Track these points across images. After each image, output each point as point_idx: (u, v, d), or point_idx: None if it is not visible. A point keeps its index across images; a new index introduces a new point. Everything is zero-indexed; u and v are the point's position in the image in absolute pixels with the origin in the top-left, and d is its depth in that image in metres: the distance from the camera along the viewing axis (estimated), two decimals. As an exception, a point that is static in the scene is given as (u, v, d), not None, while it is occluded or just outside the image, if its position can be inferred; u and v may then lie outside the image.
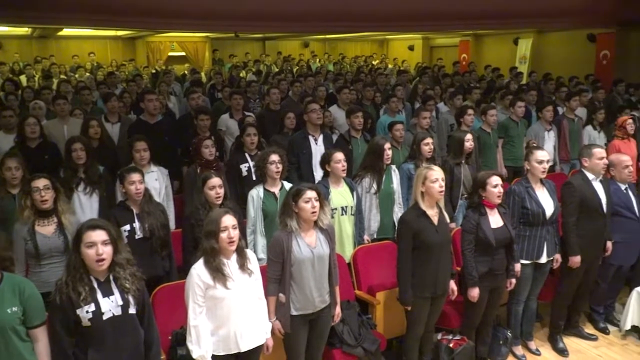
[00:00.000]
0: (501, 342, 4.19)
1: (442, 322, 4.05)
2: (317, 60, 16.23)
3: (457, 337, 3.94)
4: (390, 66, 15.84)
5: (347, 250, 4.29)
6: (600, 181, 4.19)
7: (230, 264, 2.94)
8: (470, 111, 6.03)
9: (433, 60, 16.87)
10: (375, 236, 4.61)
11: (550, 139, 6.59)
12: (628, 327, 4.48)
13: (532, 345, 4.38)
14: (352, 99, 7.47)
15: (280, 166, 4.02)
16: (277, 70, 13.52)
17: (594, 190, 4.12)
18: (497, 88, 9.22)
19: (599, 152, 4.15)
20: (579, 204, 4.08)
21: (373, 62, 16.73)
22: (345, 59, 16.85)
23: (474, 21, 11.75)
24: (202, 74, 13.09)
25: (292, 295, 3.21)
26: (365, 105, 7.70)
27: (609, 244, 4.30)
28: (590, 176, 4.17)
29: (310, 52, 17.68)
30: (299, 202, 3.14)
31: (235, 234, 2.89)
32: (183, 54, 16.42)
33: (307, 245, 3.19)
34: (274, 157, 4.01)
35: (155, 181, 4.58)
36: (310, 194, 3.13)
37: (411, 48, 18.60)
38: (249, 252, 3.09)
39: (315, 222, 3.23)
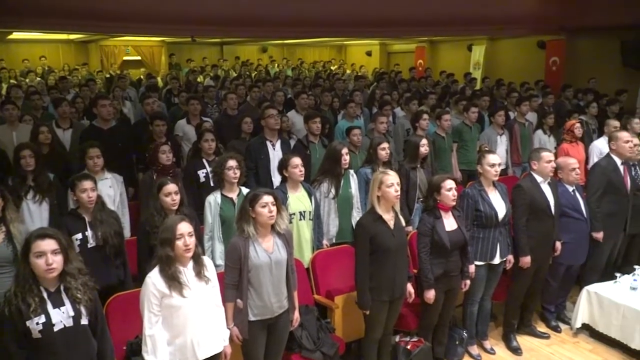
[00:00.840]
0: (457, 342, 4.28)
1: (400, 324, 4.10)
2: (276, 65, 16.24)
3: (415, 339, 4.00)
4: (348, 71, 15.99)
5: (306, 255, 4.29)
6: (549, 183, 4.34)
7: (187, 272, 2.90)
8: (425, 116, 6.15)
9: (390, 65, 17.14)
10: (334, 240, 4.64)
11: (502, 142, 6.78)
12: (579, 325, 4.65)
13: (487, 344, 4.49)
14: (310, 104, 7.51)
15: (237, 172, 4.00)
16: (235, 75, 13.44)
17: (542, 193, 4.27)
18: (452, 93, 9.42)
19: (547, 155, 4.30)
20: (529, 205, 4.22)
21: (331, 68, 16.86)
22: (304, 64, 16.90)
23: (429, 28, 12.03)
24: (159, 79, 12.89)
25: (250, 300, 3.19)
26: (324, 111, 7.75)
27: (558, 244, 4.44)
28: (539, 179, 4.31)
29: (268, 57, 17.66)
30: (256, 207, 3.13)
31: (191, 241, 2.86)
32: (138, 58, 16.11)
33: (265, 250, 3.18)
34: (232, 163, 3.99)
35: (109, 188, 4.49)
36: (267, 198, 3.13)
37: (369, 54, 18.84)
38: (206, 259, 3.06)
39: (273, 227, 3.23)
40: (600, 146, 5.93)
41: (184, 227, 2.84)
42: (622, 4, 10.73)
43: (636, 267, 4.69)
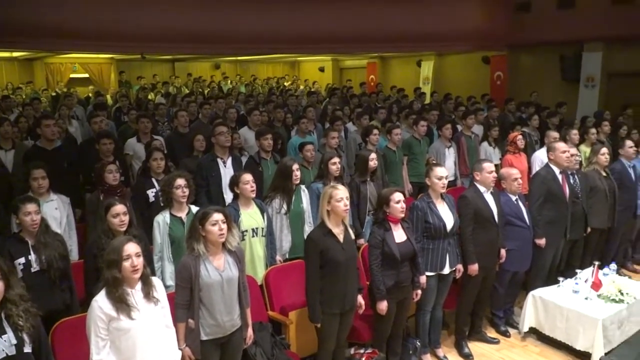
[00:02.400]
0: (411, 352, 4.36)
1: (354, 337, 4.14)
2: (229, 81, 16.20)
3: (369, 350, 4.05)
4: (301, 87, 16.12)
5: (259, 272, 4.29)
6: (492, 193, 4.50)
7: (135, 294, 2.85)
8: (375, 131, 6.28)
9: (343, 81, 17.40)
10: (287, 256, 4.65)
11: (450, 155, 6.99)
12: (526, 329, 4.81)
13: (440, 352, 4.57)
14: (263, 121, 7.53)
15: (186, 190, 3.98)
16: (187, 92, 13.34)
17: (486, 202, 4.42)
18: (402, 108, 9.64)
19: (488, 166, 4.47)
20: (474, 215, 4.36)
21: (285, 84, 16.96)
22: (257, 80, 16.94)
23: (380, 44, 12.35)
24: (108, 97, 12.65)
25: (201, 320, 3.17)
26: (277, 127, 7.79)
27: (503, 252, 4.59)
28: (482, 189, 4.46)
29: (221, 73, 17.61)
30: (206, 225, 3.12)
31: (138, 262, 2.82)
32: (86, 75, 15.76)
33: (216, 268, 3.17)
34: (180, 182, 3.96)
35: (55, 210, 4.36)
36: (217, 216, 3.12)
37: (322, 70, 19.07)
38: (155, 280, 3.02)
39: (224, 245, 3.22)
40: (541, 156, 6.18)
41: (131, 248, 2.80)
42: (560, 21, 11.33)
43: (578, 271, 4.91)
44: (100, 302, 2.77)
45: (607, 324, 4.32)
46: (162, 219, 3.98)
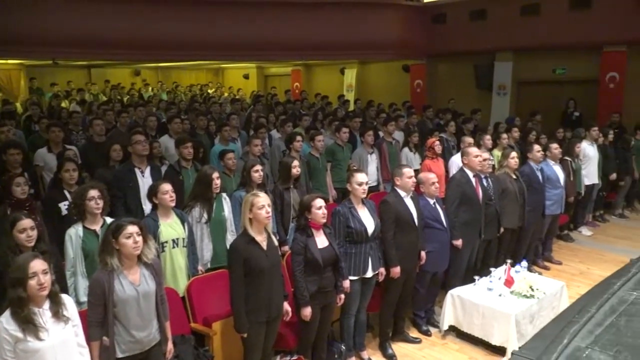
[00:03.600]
0: (336, 356, 4.40)
1: (279, 344, 4.12)
2: (150, 88, 15.76)
3: (295, 357, 4.05)
4: (225, 94, 15.96)
5: (181, 283, 4.19)
6: (411, 197, 4.64)
7: (43, 313, 2.71)
8: (298, 138, 6.32)
9: (267, 88, 17.40)
10: (209, 266, 4.58)
11: (372, 161, 7.15)
12: (446, 327, 4.99)
13: (365, 355, 4.64)
14: (185, 129, 7.39)
15: (100, 202, 3.81)
16: (105, 99, 12.83)
17: (406, 206, 4.55)
18: (326, 115, 9.77)
19: (408, 171, 4.61)
20: (395, 219, 4.48)
21: (209, 91, 16.72)
22: (180, 87, 16.59)
23: (303, 52, 12.46)
24: (18, 105, 11.92)
25: (117, 336, 3.04)
26: (199, 135, 7.66)
27: (423, 254, 4.75)
28: (402, 193, 4.59)
29: (142, 80, 17.10)
30: (120, 238, 3.00)
31: (46, 279, 2.67)
32: (-7, 82, 14.77)
33: (131, 283, 3.05)
34: (93, 193, 3.79)
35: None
36: (132, 228, 3.01)
37: (246, 77, 18.98)
38: (65, 297, 2.86)
39: (139, 258, 3.11)
40: (457, 161, 6.45)
41: (37, 265, 2.65)
42: (473, 33, 11.93)
43: (492, 269, 5.16)
44: (5, 323, 2.61)
45: (520, 319, 4.57)
46: (74, 233, 3.79)
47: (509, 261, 5.16)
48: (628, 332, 1.93)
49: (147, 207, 4.84)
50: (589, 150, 7.72)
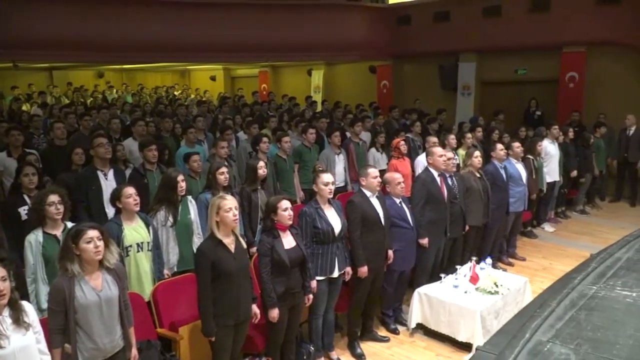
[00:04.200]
0: (305, 357, 4.39)
1: (248, 347, 4.10)
2: (114, 91, 15.47)
3: (263, 359, 4.03)
4: (192, 96, 15.78)
5: (147, 288, 4.13)
6: (377, 197, 4.68)
7: (3, 320, 2.63)
8: (265, 139, 6.30)
9: (235, 90, 17.27)
10: (175, 269, 4.52)
11: (340, 161, 7.18)
12: (414, 325, 5.05)
13: (334, 355, 4.66)
14: (149, 131, 7.28)
15: (60, 207, 3.73)
16: (67, 102, 12.54)
17: (372, 206, 4.59)
18: (293, 116, 9.77)
19: (373, 171, 4.65)
20: (361, 219, 4.51)
21: (175, 93, 16.51)
22: (145, 89, 16.32)
23: (270, 53, 12.40)
24: (-24, 108, 11.55)
25: (79, 344, 2.97)
26: (165, 137, 7.56)
27: (390, 253, 4.79)
28: (368, 193, 4.63)
29: (105, 82, 16.76)
30: (80, 244, 2.94)
31: (4, 286, 2.60)
32: (-51, 85, 14.27)
33: (93, 288, 2.99)
34: (53, 198, 3.70)
35: None
36: (92, 233, 2.95)
37: (213, 78, 18.81)
38: (25, 304, 2.79)
39: (101, 263, 3.05)
40: (423, 161, 6.51)
41: (-7, 272, 2.57)
42: (437, 34, 12.10)
43: (458, 267, 5.24)
44: (-38, 332, 2.52)
45: (485, 315, 4.65)
46: (34, 238, 3.70)
47: (474, 258, 5.25)
48: (588, 326, 1.97)
49: (110, 211, 4.76)
50: (550, 149, 7.92)
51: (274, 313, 3.86)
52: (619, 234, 4.67)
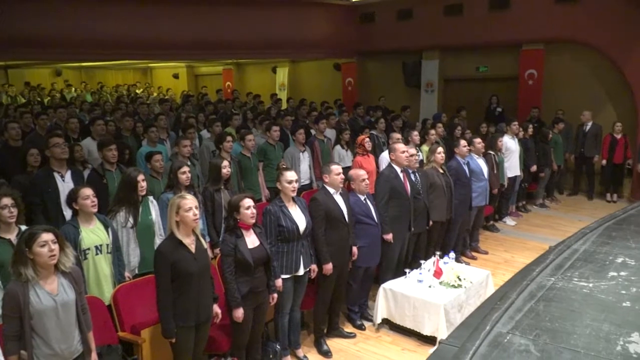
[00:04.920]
0: (271, 356, 4.37)
1: (212, 347, 4.05)
2: (73, 89, 15.07)
3: (229, 359, 3.99)
4: (154, 95, 15.51)
5: (106, 291, 4.02)
6: (341, 194, 4.68)
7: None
8: (228, 138, 6.22)
9: (198, 88, 17.06)
10: (137, 271, 4.43)
11: (305, 159, 7.16)
12: (379, 320, 5.08)
13: (300, 352, 4.65)
14: (109, 130, 7.11)
15: (14, 210, 3.59)
16: (24, 101, 12.14)
17: (336, 203, 4.58)
18: (258, 114, 9.70)
19: (336, 168, 4.64)
20: (325, 216, 4.50)
21: (136, 91, 16.19)
22: (105, 87, 15.95)
23: (233, 51, 12.26)
24: None
25: (35, 350, 2.88)
26: (125, 136, 7.40)
27: (355, 249, 4.81)
28: (331, 190, 4.63)
29: (64, 81, 16.31)
30: (34, 247, 2.84)
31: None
32: None
33: (48, 293, 2.89)
34: (6, 201, 3.57)
35: None
36: (46, 236, 2.86)
37: (176, 76, 18.54)
38: (-24, 312, 2.68)
39: (56, 267, 2.96)
40: (387, 157, 6.56)
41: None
42: (401, 31, 12.20)
43: (422, 262, 5.29)
44: None
45: (449, 308, 4.71)
46: (-14, 243, 3.56)
47: (437, 253, 5.32)
48: (546, 317, 2.01)
49: (68, 213, 4.62)
50: (510, 144, 8.09)
51: (239, 313, 3.81)
52: (577, 226, 4.81)
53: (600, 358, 1.69)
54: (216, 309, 3.79)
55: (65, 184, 4.82)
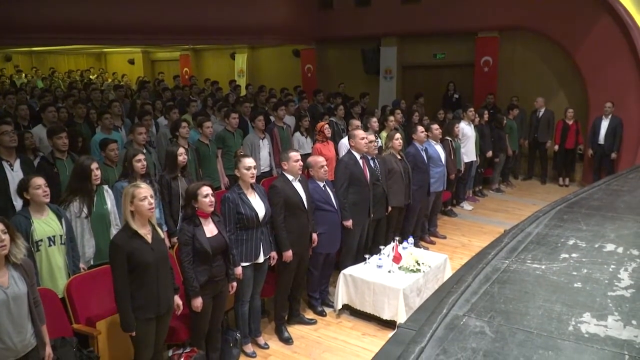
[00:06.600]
0: (232, 345, 4.35)
1: (171, 338, 4.00)
2: (23, 75, 14.48)
3: (188, 350, 3.94)
4: (109, 81, 15.06)
5: (60, 283, 3.91)
6: (300, 181, 4.67)
7: None
8: (184, 124, 6.10)
9: (155, 74, 16.66)
10: (92, 262, 4.31)
11: (264, 146, 7.10)
12: (340, 306, 5.12)
13: (261, 340, 4.66)
14: (61, 117, 6.87)
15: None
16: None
17: (295, 190, 4.57)
18: (217, 100, 9.55)
19: (294, 155, 4.63)
20: (284, 203, 4.49)
21: (90, 77, 15.69)
22: (57, 73, 15.39)
23: (189, 36, 11.99)
24: None
25: (-14, 345, 2.78)
26: (78, 124, 7.17)
27: (315, 236, 4.82)
28: (290, 177, 4.61)
29: (13, 66, 15.64)
30: (-19, 239, 2.73)
31: None
32: None
33: (-2, 286, 2.79)
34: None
35: None
36: (-7, 228, 2.75)
37: (131, 62, 18.04)
38: None
39: (7, 259, 2.85)
40: (347, 143, 6.59)
41: None
42: (359, 18, 12.20)
43: (381, 247, 5.35)
44: None
45: (408, 293, 4.80)
46: None
47: (397, 238, 5.39)
48: (500, 299, 2.06)
49: (18, 203, 4.45)
50: (467, 130, 8.24)
51: (197, 302, 3.78)
52: (531, 210, 4.94)
53: (552, 338, 1.74)
54: (177, 300, 3.73)
55: (14, 173, 4.65)
